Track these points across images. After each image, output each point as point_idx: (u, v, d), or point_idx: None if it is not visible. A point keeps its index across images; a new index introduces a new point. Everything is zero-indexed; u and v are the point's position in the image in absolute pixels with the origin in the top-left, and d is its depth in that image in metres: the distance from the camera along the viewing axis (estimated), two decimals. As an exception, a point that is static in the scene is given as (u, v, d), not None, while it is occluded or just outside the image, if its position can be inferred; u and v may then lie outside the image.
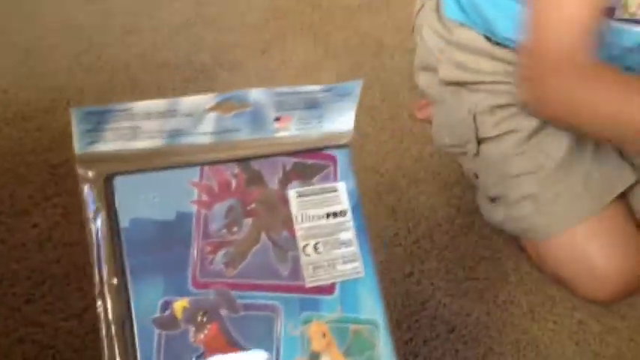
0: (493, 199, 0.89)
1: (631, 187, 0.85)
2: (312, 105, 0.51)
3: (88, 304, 0.83)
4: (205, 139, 0.49)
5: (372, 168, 1.05)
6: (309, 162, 0.53)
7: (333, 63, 1.28)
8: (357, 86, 0.52)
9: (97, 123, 0.45)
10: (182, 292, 0.46)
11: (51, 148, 1.03)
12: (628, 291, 0.82)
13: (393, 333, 0.82)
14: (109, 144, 0.46)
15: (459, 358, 0.81)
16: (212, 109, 0.48)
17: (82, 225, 0.93)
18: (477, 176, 0.91)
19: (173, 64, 1.23)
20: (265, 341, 0.47)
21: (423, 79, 0.99)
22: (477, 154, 0.88)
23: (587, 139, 0.83)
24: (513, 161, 0.85)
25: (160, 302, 0.46)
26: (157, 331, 0.45)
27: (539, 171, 0.83)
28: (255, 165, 0.51)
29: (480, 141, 0.88)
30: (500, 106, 0.86)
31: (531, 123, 0.84)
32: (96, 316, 0.82)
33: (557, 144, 0.83)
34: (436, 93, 0.96)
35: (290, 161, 0.52)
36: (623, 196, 0.86)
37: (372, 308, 0.51)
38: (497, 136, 0.86)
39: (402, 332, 0.83)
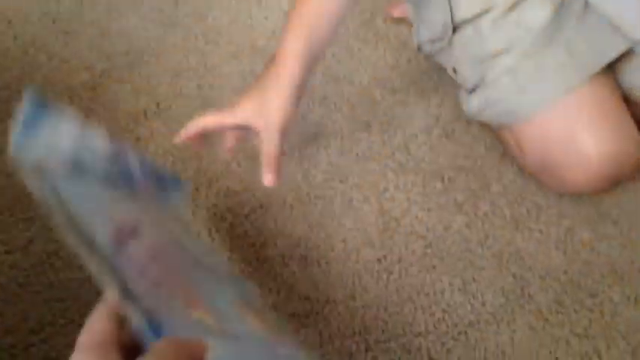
0: (473, 90, 0.82)
1: (621, 64, 0.77)
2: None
3: (33, 236, 0.76)
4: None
5: (345, 77, 0.97)
6: None
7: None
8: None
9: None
10: None
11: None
12: (618, 174, 0.75)
13: (366, 252, 0.77)
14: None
15: (436, 273, 0.75)
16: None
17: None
18: (456, 71, 0.83)
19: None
20: None
21: None
22: (453, 42, 0.81)
23: (570, 5, 0.76)
24: (490, 40, 0.78)
25: None
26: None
27: (518, 45, 0.76)
28: None
29: (455, 27, 0.80)
30: None
31: None
32: (41, 249, 0.76)
33: (535, 16, 0.75)
34: None
35: None
36: (612, 73, 0.78)
37: None
38: (473, 17, 0.79)
39: (375, 250, 0.77)
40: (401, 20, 1.03)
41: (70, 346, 0.67)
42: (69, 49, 0.97)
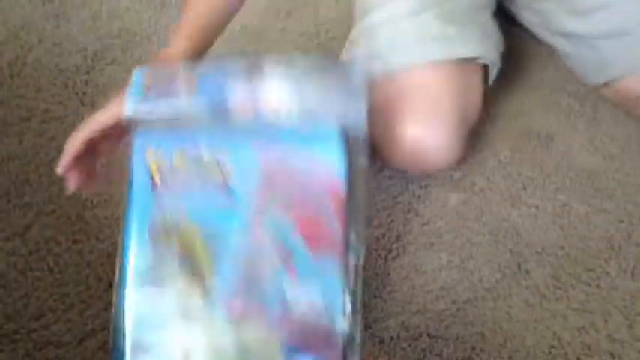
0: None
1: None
2: None
3: (31, 222, 0.76)
4: None
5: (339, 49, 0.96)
6: None
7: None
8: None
9: None
10: None
11: None
12: (421, 164, 0.76)
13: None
14: None
15: (434, 250, 0.75)
16: None
17: (20, 138, 0.86)
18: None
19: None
20: None
21: None
22: None
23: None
24: None
25: None
26: None
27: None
28: None
29: None
30: None
31: None
32: (39, 234, 0.76)
33: None
34: None
35: None
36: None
37: None
38: None
39: (374, 229, 0.77)
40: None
41: (71, 330, 0.67)
42: (60, 31, 0.96)
